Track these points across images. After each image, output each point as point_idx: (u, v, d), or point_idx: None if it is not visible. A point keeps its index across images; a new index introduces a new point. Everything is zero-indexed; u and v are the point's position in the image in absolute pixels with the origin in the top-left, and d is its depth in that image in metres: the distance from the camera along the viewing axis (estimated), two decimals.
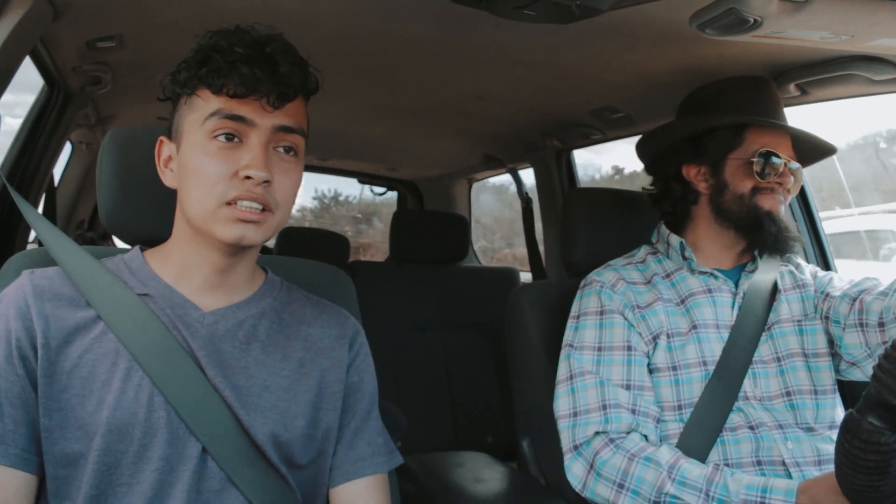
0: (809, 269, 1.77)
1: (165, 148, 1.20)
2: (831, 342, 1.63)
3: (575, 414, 1.55)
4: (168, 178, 1.20)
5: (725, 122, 1.67)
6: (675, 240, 1.73)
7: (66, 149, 3.31)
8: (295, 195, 1.20)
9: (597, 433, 1.51)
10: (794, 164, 1.65)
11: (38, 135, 2.45)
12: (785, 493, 1.28)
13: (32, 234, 2.61)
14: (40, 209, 2.66)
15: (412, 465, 1.91)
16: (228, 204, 1.10)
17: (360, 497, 1.25)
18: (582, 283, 1.73)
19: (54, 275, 1.17)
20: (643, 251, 1.80)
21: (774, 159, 1.62)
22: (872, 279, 1.60)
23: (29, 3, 1.58)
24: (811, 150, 1.77)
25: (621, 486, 1.44)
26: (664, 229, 1.78)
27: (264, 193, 1.11)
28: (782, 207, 1.65)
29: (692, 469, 1.40)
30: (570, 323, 1.68)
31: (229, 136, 1.11)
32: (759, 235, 1.64)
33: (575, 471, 1.52)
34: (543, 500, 1.74)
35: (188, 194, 1.13)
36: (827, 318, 1.63)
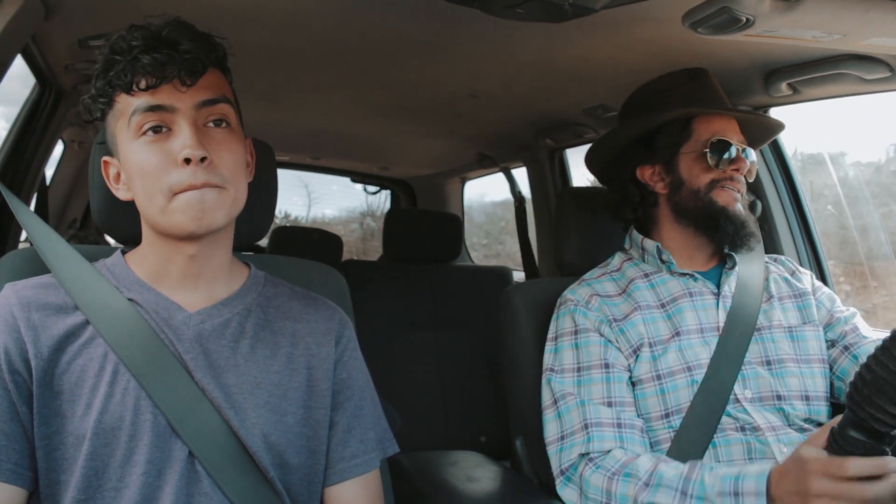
0: (808, 279, 1.75)
1: (111, 167, 1.20)
2: (830, 365, 1.63)
3: (562, 437, 1.54)
4: (122, 193, 1.20)
5: (672, 115, 1.67)
6: (650, 244, 1.71)
7: (58, 147, 3.30)
8: (241, 168, 1.18)
9: (580, 455, 1.49)
10: (748, 151, 1.66)
11: (29, 133, 2.44)
12: (756, 477, 1.26)
13: (25, 233, 2.60)
14: (32, 208, 2.65)
15: (405, 464, 1.91)
16: (176, 194, 1.10)
17: (354, 495, 1.25)
18: (558, 303, 1.72)
19: (38, 284, 1.17)
20: (618, 259, 1.78)
21: (725, 146, 1.62)
22: None
23: (20, 1, 1.57)
24: (760, 131, 1.78)
25: None
26: (636, 234, 1.76)
27: (208, 175, 1.10)
28: (738, 204, 1.64)
29: (669, 471, 1.38)
30: (549, 346, 1.67)
31: (157, 129, 1.11)
32: (716, 232, 1.63)
33: (566, 495, 1.50)
34: (537, 500, 1.74)
35: (139, 197, 1.14)
36: (847, 348, 1.62)
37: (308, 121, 3.07)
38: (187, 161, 1.09)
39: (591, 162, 1.88)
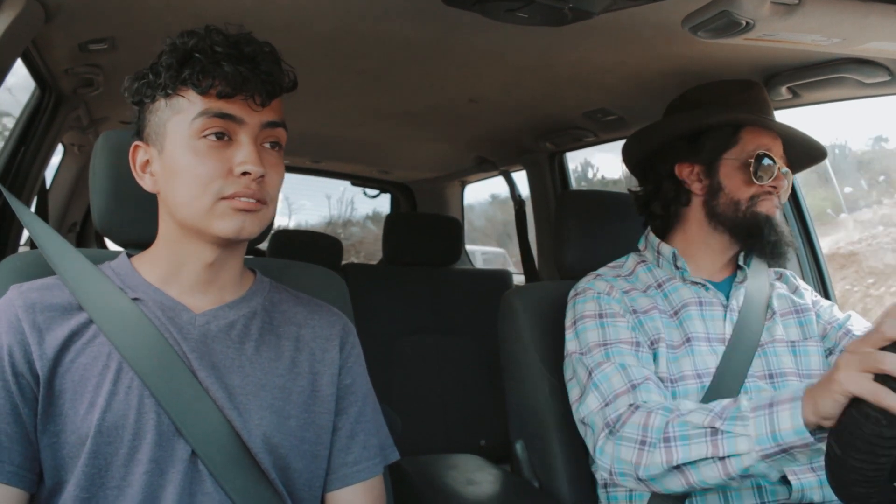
0: (809, 294, 1.74)
1: (141, 152, 1.19)
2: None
3: (606, 404, 1.46)
4: (148, 183, 1.19)
5: (725, 119, 1.66)
6: (666, 249, 1.70)
7: (58, 151, 3.30)
8: (279, 188, 1.20)
9: (629, 405, 1.41)
10: (786, 170, 1.64)
11: (29, 137, 2.44)
12: (794, 387, 1.19)
13: (24, 236, 2.60)
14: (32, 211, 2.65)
15: (405, 468, 1.91)
16: (224, 198, 1.10)
17: (356, 501, 1.25)
18: (572, 293, 1.70)
19: (43, 286, 1.17)
20: (631, 261, 1.77)
21: (769, 162, 1.61)
22: None
23: (20, 5, 1.57)
24: (803, 155, 1.76)
25: (643, 442, 1.34)
26: (653, 237, 1.75)
27: (259, 189, 1.12)
28: (779, 212, 1.64)
29: (711, 403, 1.31)
30: (569, 333, 1.64)
31: (220, 135, 1.11)
32: (757, 242, 1.62)
33: (607, 450, 1.40)
34: (536, 503, 1.74)
35: (178, 195, 1.13)
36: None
37: (308, 124, 3.06)
38: (244, 174, 1.10)
39: (629, 152, 1.86)
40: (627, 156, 1.87)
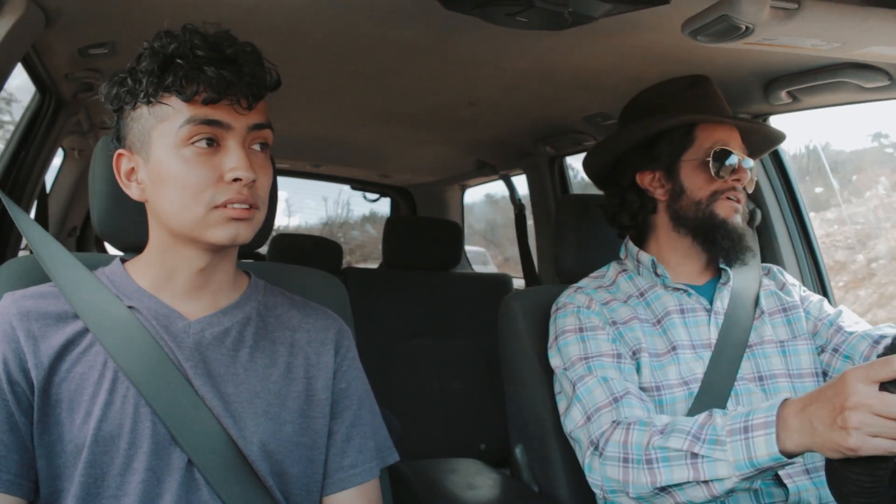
0: (797, 290, 1.73)
1: (125, 160, 1.17)
2: (825, 372, 1.61)
3: (588, 418, 1.47)
4: (135, 192, 1.17)
5: (677, 121, 1.65)
6: (645, 257, 1.70)
7: (58, 155, 3.30)
8: (269, 189, 1.19)
9: (612, 422, 1.42)
10: (748, 162, 1.63)
11: (29, 141, 2.44)
12: (766, 410, 1.18)
13: (25, 241, 2.59)
14: (32, 216, 2.65)
15: (405, 472, 1.91)
16: (217, 207, 1.09)
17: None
18: (554, 308, 1.70)
19: (37, 293, 1.16)
20: (612, 270, 1.76)
21: (728, 155, 1.61)
22: (891, 326, 1.57)
23: (21, 10, 1.57)
24: (762, 141, 1.77)
25: (626, 459, 1.34)
26: (632, 246, 1.74)
27: (250, 194, 1.11)
28: (737, 216, 1.63)
29: (686, 421, 1.31)
30: (551, 350, 1.64)
31: (210, 141, 1.10)
32: (712, 248, 1.62)
33: (595, 467, 1.41)
34: None
35: (169, 204, 1.11)
36: (836, 350, 1.59)
37: (308, 128, 3.07)
38: (235, 180, 1.09)
39: (589, 166, 1.86)
40: (588, 171, 1.87)
